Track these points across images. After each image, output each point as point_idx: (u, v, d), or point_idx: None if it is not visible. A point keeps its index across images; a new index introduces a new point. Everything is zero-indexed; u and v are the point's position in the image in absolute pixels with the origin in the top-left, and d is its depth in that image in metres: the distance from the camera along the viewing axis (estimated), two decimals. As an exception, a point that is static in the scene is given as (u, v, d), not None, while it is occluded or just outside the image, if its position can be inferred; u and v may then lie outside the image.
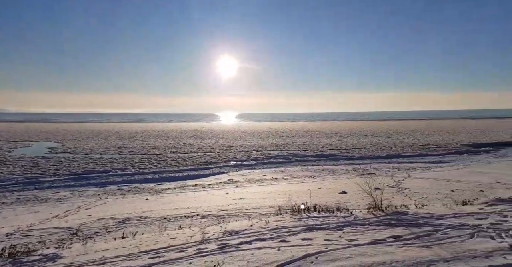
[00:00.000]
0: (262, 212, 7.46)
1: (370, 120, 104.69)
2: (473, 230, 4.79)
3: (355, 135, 40.54)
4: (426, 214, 5.92)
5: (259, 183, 13.79)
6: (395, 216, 5.81)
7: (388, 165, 18.85)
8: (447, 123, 67.34)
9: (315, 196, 10.01)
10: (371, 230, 5.08)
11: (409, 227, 5.10)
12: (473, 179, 12.71)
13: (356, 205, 8.27)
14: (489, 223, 5.18)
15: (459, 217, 5.66)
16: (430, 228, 4.99)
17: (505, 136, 34.50)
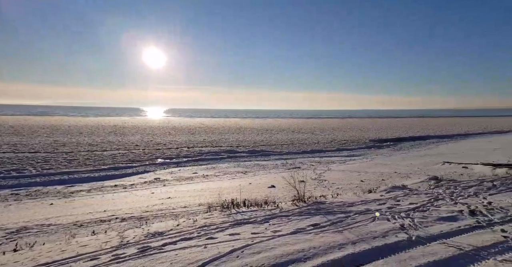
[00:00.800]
0: (191, 211, 7.25)
1: (298, 118, 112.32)
2: (374, 214, 5.57)
3: (284, 132, 42.95)
4: (340, 203, 6.64)
5: (189, 180, 13.40)
6: (315, 206, 6.35)
7: (312, 159, 20.58)
8: (360, 122, 76.97)
9: (245, 191, 10.24)
10: (294, 220, 5.43)
11: (326, 215, 5.64)
12: (377, 170, 14.81)
13: (283, 198, 8.77)
14: (387, 207, 6.11)
15: (365, 203, 6.53)
16: (342, 215, 5.61)
17: (402, 132, 41.27)
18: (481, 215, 5.38)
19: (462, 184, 8.34)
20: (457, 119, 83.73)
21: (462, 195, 7.07)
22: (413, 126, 54.75)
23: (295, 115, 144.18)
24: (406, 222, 5.10)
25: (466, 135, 36.92)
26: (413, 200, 6.69)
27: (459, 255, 3.76)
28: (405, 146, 27.19)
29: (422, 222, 5.12)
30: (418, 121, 74.51)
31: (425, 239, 4.31)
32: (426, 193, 7.49)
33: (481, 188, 7.68)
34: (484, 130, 41.85)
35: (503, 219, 5.11)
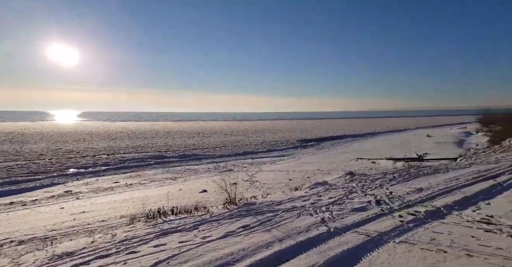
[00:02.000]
0: (111, 224, 6.50)
1: (230, 120, 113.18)
2: (300, 211, 5.93)
3: (217, 134, 42.68)
4: (269, 202, 6.86)
5: (108, 191, 12.05)
6: (246, 207, 6.41)
7: (244, 161, 20.92)
8: (289, 123, 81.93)
9: (175, 198, 9.74)
10: (224, 224, 5.37)
11: (255, 216, 5.74)
12: (303, 168, 15.94)
13: (215, 202, 8.62)
14: (310, 203, 6.57)
15: (292, 200, 6.90)
16: (271, 214, 5.79)
17: (324, 132, 45.46)
18: (384, 204, 6.24)
19: (370, 177, 9.58)
20: (369, 120, 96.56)
21: (371, 187, 8.11)
22: (333, 127, 60.96)
23: (227, 118, 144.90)
24: (326, 216, 5.56)
25: (374, 133, 42.85)
26: (332, 195, 7.36)
27: (367, 241, 4.27)
28: (326, 145, 30.00)
29: (339, 214, 5.65)
30: (339, 122, 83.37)
31: (341, 230, 4.77)
32: (343, 187, 8.34)
33: (385, 180, 8.95)
34: (387, 129, 49.32)
35: (400, 206, 6.03)
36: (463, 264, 3.39)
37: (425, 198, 6.58)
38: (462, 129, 34.67)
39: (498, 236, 4.20)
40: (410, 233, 4.55)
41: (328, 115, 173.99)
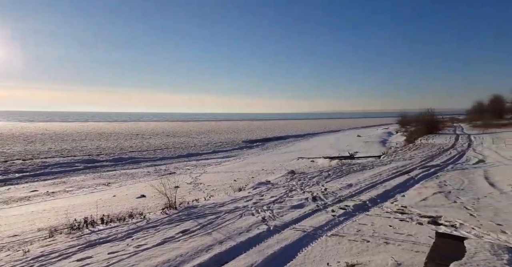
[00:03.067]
0: (25, 239, 5.62)
1: (173, 121, 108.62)
2: (242, 211, 5.98)
3: (158, 136, 40.52)
4: (212, 204, 6.76)
5: (24, 201, 10.46)
6: (186, 211, 6.20)
7: (188, 163, 20.28)
8: (235, 124, 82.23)
9: (108, 205, 8.92)
10: (162, 230, 5.10)
11: (196, 219, 5.59)
12: (248, 168, 16.15)
13: (154, 207, 8.14)
14: (252, 203, 6.67)
15: (235, 201, 6.92)
16: (213, 216, 5.72)
17: (269, 133, 46.89)
18: (319, 200, 6.69)
19: (309, 175, 10.18)
20: (310, 121, 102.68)
21: (309, 184, 8.63)
22: (277, 127, 63.24)
23: (170, 118, 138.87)
24: (267, 214, 5.71)
25: (313, 134, 45.79)
26: (274, 194, 7.60)
27: (303, 237, 4.52)
28: (271, 145, 30.97)
29: (279, 212, 5.87)
30: (282, 123, 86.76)
31: (280, 227, 4.95)
32: (284, 186, 8.68)
33: (321, 177, 9.62)
34: (325, 130, 53.22)
35: (333, 201, 6.54)
36: (381, 251, 3.82)
37: (354, 192, 7.25)
38: (386, 130, 39.34)
39: (409, 224, 4.86)
40: (340, 226, 4.96)
41: (273, 117, 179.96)
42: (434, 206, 5.87)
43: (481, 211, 5.40)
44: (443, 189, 7.15)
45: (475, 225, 4.69)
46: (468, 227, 4.65)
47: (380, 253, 3.80)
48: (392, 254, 3.72)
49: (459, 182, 7.87)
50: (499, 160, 10.92)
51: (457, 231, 4.47)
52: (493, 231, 4.38)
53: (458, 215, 5.21)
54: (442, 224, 4.84)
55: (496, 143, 15.96)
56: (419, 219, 5.11)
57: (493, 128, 25.58)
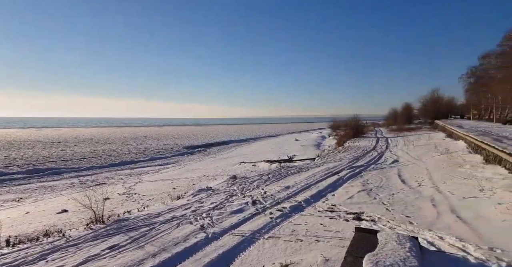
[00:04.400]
0: None
1: (105, 126, 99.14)
2: (180, 220, 5.75)
3: (84, 143, 36.47)
4: (146, 215, 6.34)
5: None
6: (116, 225, 5.69)
7: (121, 172, 18.68)
8: (176, 129, 78.91)
9: (17, 224, 7.65)
10: (85, 247, 4.58)
11: (127, 233, 5.17)
12: (189, 175, 15.65)
13: (79, 222, 7.28)
14: (191, 211, 6.48)
15: (172, 211, 6.61)
16: (146, 228, 5.36)
17: (211, 138, 46.22)
18: (259, 203, 6.85)
19: (250, 180, 10.35)
20: (251, 126, 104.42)
21: (249, 188, 8.76)
22: (220, 133, 62.85)
23: (101, 124, 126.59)
24: (206, 222, 5.60)
25: (255, 138, 46.81)
26: (214, 200, 7.51)
27: (241, 241, 4.56)
28: (213, 151, 30.58)
29: (219, 218, 5.81)
30: (226, 128, 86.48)
31: (219, 234, 4.90)
32: (225, 191, 8.65)
33: (261, 181, 9.86)
34: (266, 135, 54.87)
35: (272, 204, 6.77)
36: (312, 249, 4.09)
37: (291, 194, 7.63)
38: (320, 134, 42.53)
39: (338, 221, 5.31)
40: (277, 227, 5.15)
41: (216, 122, 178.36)
42: (358, 203, 6.54)
43: (395, 205, 6.21)
44: (366, 187, 8.03)
45: (390, 218, 5.37)
46: (384, 220, 5.29)
47: (312, 251, 4.06)
48: (322, 251, 4.01)
49: (378, 180, 8.94)
50: (409, 159, 12.77)
51: (376, 225, 5.06)
52: (403, 223, 5.08)
53: (377, 210, 5.90)
54: (364, 219, 5.41)
55: (407, 145, 18.63)
56: (346, 216, 5.63)
57: (405, 132, 29.85)
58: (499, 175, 7.76)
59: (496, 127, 19.55)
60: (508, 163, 7.85)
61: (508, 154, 7.83)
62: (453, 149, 13.43)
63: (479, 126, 20.89)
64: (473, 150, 12.09)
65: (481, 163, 9.70)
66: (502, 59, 28.30)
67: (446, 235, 4.36)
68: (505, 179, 7.26)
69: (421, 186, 7.96)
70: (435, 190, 7.34)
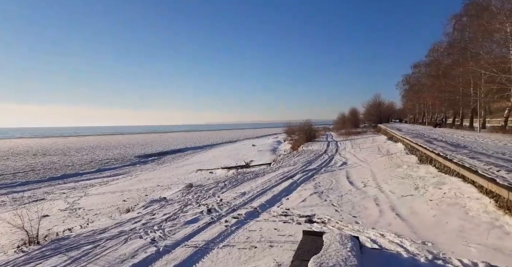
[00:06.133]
0: None
1: (43, 137, 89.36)
2: (128, 235, 5.41)
3: (19, 155, 32.48)
4: (90, 232, 5.84)
5: None
6: (54, 245, 5.14)
7: (63, 186, 17.00)
8: (128, 138, 74.27)
9: None
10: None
11: (67, 253, 4.71)
12: (141, 186, 14.82)
13: (10, 245, 6.41)
14: (141, 224, 6.14)
15: (120, 225, 6.19)
16: (90, 246, 4.94)
17: (165, 146, 44.41)
18: (214, 212, 6.76)
19: (206, 187, 10.18)
20: (208, 133, 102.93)
21: (205, 197, 8.61)
22: (175, 140, 60.71)
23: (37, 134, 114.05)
24: (157, 235, 5.35)
25: (212, 145, 46.22)
26: (167, 211, 7.22)
27: (195, 253, 4.45)
28: (168, 159, 29.42)
29: (171, 230, 5.60)
30: (181, 135, 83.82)
31: (171, 247, 4.72)
32: (179, 201, 8.37)
33: (217, 188, 9.77)
34: (223, 141, 54.54)
35: (227, 211, 6.73)
36: (266, 255, 4.16)
37: (247, 200, 7.68)
38: (275, 139, 43.63)
39: (291, 225, 5.48)
40: (232, 236, 5.13)
41: (169, 129, 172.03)
42: (310, 205, 6.84)
43: (343, 207, 6.62)
44: (318, 190, 8.44)
45: (339, 219, 5.70)
46: (333, 221, 5.61)
47: (265, 257, 4.13)
48: (275, 256, 4.10)
49: (329, 182, 9.46)
50: (356, 162, 13.75)
51: (326, 226, 5.33)
52: (350, 223, 5.44)
53: (327, 212, 6.22)
54: (315, 222, 5.67)
55: (354, 148, 20.06)
56: (298, 219, 5.84)
57: (352, 135, 32.10)
58: (430, 173, 8.73)
59: (428, 130, 22.10)
60: (437, 162, 8.88)
61: (437, 154, 8.87)
62: (393, 151, 14.80)
63: (414, 129, 23.41)
64: (410, 151, 13.47)
65: (416, 163, 10.83)
66: (430, 69, 32.29)
67: (386, 232, 4.77)
68: (435, 177, 8.19)
69: (366, 186, 8.60)
70: (378, 189, 8.00)
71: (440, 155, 8.58)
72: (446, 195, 6.18)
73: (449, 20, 22.83)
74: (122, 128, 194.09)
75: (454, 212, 5.23)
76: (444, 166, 8.14)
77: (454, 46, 22.91)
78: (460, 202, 5.60)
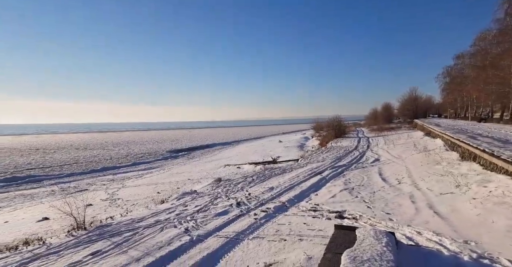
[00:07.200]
0: None
1: (84, 132, 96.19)
2: (163, 224, 5.71)
3: (64, 149, 35.25)
4: (129, 220, 6.24)
5: None
6: (98, 231, 5.58)
7: (103, 178, 18.22)
8: (158, 133, 77.59)
9: (-6, 235, 7.32)
10: (66, 255, 4.47)
11: (110, 238, 5.08)
12: (173, 179, 15.46)
13: (61, 230, 7.05)
14: (175, 214, 6.44)
15: (156, 215, 6.54)
16: (129, 233, 5.28)
17: (194, 142, 45.77)
18: (243, 205, 6.89)
19: (234, 182, 10.37)
20: (234, 129, 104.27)
21: (234, 191, 8.79)
22: (204, 136, 62.30)
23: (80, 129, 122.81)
24: (190, 225, 5.58)
25: (239, 141, 46.76)
26: (198, 203, 7.49)
27: (226, 243, 4.59)
28: (197, 154, 30.33)
29: (203, 221, 5.81)
30: (210, 131, 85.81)
31: (203, 236, 4.91)
32: (209, 194, 8.63)
33: (246, 183, 9.91)
34: (250, 137, 54.92)
35: (256, 205, 6.83)
36: (296, 248, 4.18)
37: (275, 195, 7.72)
38: (303, 135, 43.07)
39: (320, 220, 5.44)
40: (261, 228, 5.21)
41: (198, 125, 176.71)
42: (340, 202, 6.72)
43: (375, 203, 6.42)
44: (348, 186, 8.25)
45: (371, 215, 5.55)
46: (365, 218, 5.47)
47: (295, 249, 4.15)
48: (305, 249, 4.11)
49: (360, 179, 9.19)
50: (389, 158, 13.19)
51: (357, 222, 5.22)
52: (384, 220, 5.27)
53: (358, 208, 6.08)
54: (346, 217, 5.57)
55: (387, 144, 19.23)
56: (328, 214, 5.77)
57: (385, 131, 30.73)
58: (474, 171, 8.16)
59: (471, 125, 20.54)
60: (482, 159, 8.27)
61: (482, 150, 8.26)
62: (431, 147, 13.97)
63: (455, 125, 21.86)
64: (450, 148, 12.64)
65: (457, 159, 10.15)
66: (475, 59, 29.65)
67: (423, 230, 4.56)
68: (479, 174, 7.64)
69: (401, 183, 8.25)
70: (414, 187, 7.64)
71: (485, 151, 7.98)
72: (492, 193, 5.75)
73: (501, 4, 20.75)
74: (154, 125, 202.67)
75: (501, 211, 4.86)
76: (490, 163, 7.56)
77: (505, 34, 20.79)
78: (508, 201, 5.19)
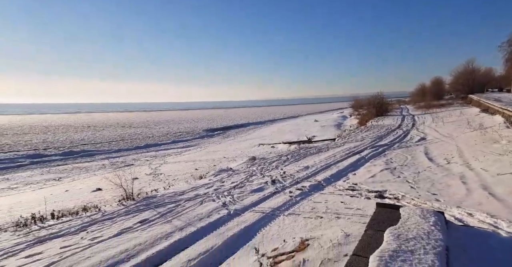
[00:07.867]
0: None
1: (129, 111, 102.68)
2: (203, 198, 6.00)
3: (112, 127, 38.15)
4: (171, 193, 6.67)
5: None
6: (145, 202, 6.05)
7: (146, 154, 19.54)
8: (194, 113, 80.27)
9: (60, 200, 8.36)
10: (119, 221, 4.94)
11: (155, 209, 5.49)
12: (210, 157, 16.06)
13: (112, 200, 7.79)
14: (213, 189, 6.72)
15: (195, 189, 6.89)
16: (172, 205, 5.66)
17: (229, 121, 46.70)
18: (278, 183, 6.95)
19: (269, 160, 10.46)
20: (269, 109, 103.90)
21: (268, 169, 8.88)
22: (238, 116, 63.16)
23: (126, 108, 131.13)
24: (227, 200, 5.80)
25: (273, 120, 46.66)
26: (234, 179, 7.72)
27: (262, 218, 4.70)
28: (232, 133, 30.99)
29: (239, 196, 6.00)
30: (244, 111, 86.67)
31: (240, 211, 5.08)
32: (244, 171, 8.83)
33: (280, 161, 9.94)
34: (284, 116, 54.50)
35: (291, 183, 6.84)
36: (333, 225, 4.15)
37: (311, 174, 7.65)
38: (341, 114, 41.61)
39: (359, 199, 5.30)
40: (297, 205, 5.24)
41: (233, 105, 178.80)
42: (380, 181, 6.45)
43: (420, 184, 6.07)
44: (389, 166, 7.87)
45: (415, 196, 5.27)
46: (408, 198, 5.21)
47: (332, 227, 4.12)
48: (342, 227, 4.05)
49: (403, 159, 8.70)
50: (437, 137, 12.23)
51: (399, 202, 5.00)
52: (429, 200, 4.97)
53: (400, 188, 5.80)
54: (386, 197, 5.36)
55: (435, 122, 17.79)
56: (367, 194, 5.60)
57: (434, 108, 28.33)
58: (538, 151, 7.28)
59: (537, 102, 18.07)
60: (547, 139, 7.32)
61: (548, 130, 7.28)
62: (489, 124, 12.64)
63: (517, 101, 19.40)
64: (511, 125, 11.35)
65: (518, 139, 9.11)
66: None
67: (476, 212, 4.23)
68: (544, 155, 6.80)
69: (450, 163, 7.66)
70: (466, 167, 7.05)
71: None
72: (560, 177, 5.10)
73: None
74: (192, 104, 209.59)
75: None
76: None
77: None
78: None
